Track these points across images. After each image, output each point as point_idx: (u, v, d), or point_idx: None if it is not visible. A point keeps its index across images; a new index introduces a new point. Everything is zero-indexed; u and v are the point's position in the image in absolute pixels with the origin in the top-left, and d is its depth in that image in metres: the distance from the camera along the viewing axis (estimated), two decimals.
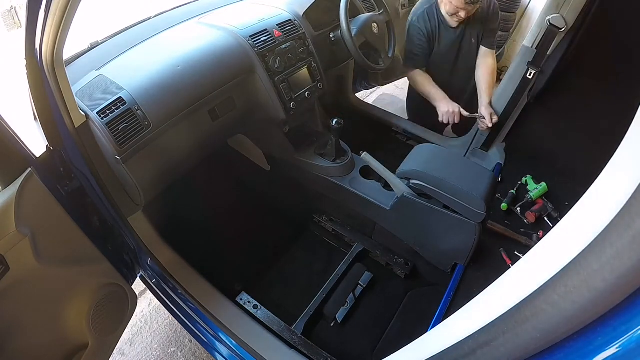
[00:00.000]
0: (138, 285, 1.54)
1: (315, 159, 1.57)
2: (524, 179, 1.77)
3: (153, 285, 1.41)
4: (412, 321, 1.38)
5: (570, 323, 0.33)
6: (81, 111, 1.01)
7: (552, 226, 1.56)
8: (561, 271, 0.34)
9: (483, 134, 1.86)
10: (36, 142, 1.05)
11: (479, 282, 1.39)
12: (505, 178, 1.80)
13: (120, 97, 1.06)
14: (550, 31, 1.53)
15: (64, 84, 0.92)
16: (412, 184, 1.31)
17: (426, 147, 1.41)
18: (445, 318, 0.63)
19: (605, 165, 0.36)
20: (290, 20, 1.47)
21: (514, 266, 0.45)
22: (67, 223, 1.00)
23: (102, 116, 1.02)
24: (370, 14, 1.58)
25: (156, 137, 1.13)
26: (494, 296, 0.47)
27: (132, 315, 1.27)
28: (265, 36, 1.37)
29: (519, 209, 1.67)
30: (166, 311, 1.45)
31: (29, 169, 0.90)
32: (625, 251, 0.28)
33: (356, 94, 2.30)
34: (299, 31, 1.47)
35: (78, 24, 0.85)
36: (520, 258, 1.21)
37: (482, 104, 1.75)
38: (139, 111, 1.07)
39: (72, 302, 1.04)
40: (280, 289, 1.50)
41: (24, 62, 0.90)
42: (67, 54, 0.92)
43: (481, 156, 1.88)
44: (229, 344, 1.20)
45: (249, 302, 1.37)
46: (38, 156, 0.98)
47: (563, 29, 1.51)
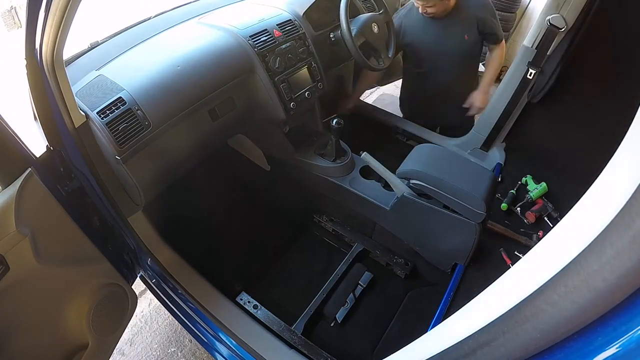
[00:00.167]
0: (138, 285, 1.54)
1: (315, 159, 1.57)
2: (524, 179, 1.77)
3: (153, 285, 1.40)
4: (412, 321, 1.38)
5: (570, 323, 0.33)
6: (81, 111, 1.01)
7: (552, 226, 1.56)
8: (561, 271, 0.34)
9: (483, 134, 1.86)
10: (36, 142, 1.05)
11: (479, 282, 1.39)
12: (505, 178, 1.80)
13: (120, 97, 1.06)
14: (550, 31, 1.53)
15: (64, 84, 0.92)
16: (412, 184, 1.31)
17: (426, 147, 1.41)
18: (445, 318, 0.63)
19: (605, 165, 0.36)
20: (290, 20, 1.47)
21: (514, 266, 0.45)
22: (67, 223, 1.00)
23: (102, 116, 1.03)
24: (370, 14, 1.58)
25: (156, 137, 1.13)
26: (494, 296, 0.47)
27: (132, 315, 1.27)
28: (265, 36, 1.37)
29: (519, 209, 1.67)
30: (166, 311, 1.45)
31: (29, 169, 0.89)
32: (625, 251, 0.27)
33: None
34: (299, 31, 1.47)
35: (78, 24, 0.85)
36: (520, 258, 1.21)
37: (478, 88, 1.81)
38: (139, 111, 1.07)
39: (72, 302, 1.04)
40: (280, 289, 1.50)
41: (24, 62, 0.90)
42: (67, 54, 0.92)
43: (481, 156, 1.88)
44: (229, 344, 1.20)
45: (249, 302, 1.37)
46: (38, 156, 0.98)
47: (563, 29, 1.51)
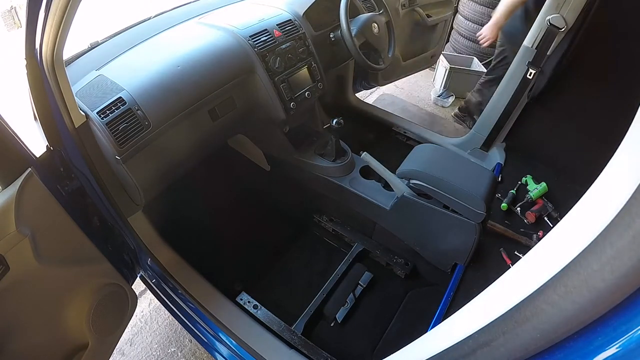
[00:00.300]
0: (138, 285, 1.54)
1: (315, 159, 1.57)
2: (524, 179, 1.77)
3: (153, 285, 1.40)
4: (412, 321, 1.38)
5: (570, 323, 0.33)
6: (81, 111, 1.01)
7: (552, 226, 1.56)
8: (561, 271, 0.34)
9: (483, 134, 1.87)
10: (36, 142, 1.05)
11: (479, 282, 1.39)
12: (505, 178, 1.80)
13: (120, 97, 1.06)
14: (550, 31, 1.53)
15: (64, 84, 0.92)
16: (412, 184, 1.31)
17: (426, 147, 1.41)
18: (445, 318, 0.63)
19: (605, 165, 0.36)
20: (290, 20, 1.47)
21: (514, 266, 0.45)
22: (67, 223, 0.99)
23: (102, 116, 1.02)
24: (370, 14, 1.58)
25: (156, 137, 1.13)
26: (494, 296, 0.47)
27: (132, 315, 1.27)
28: (265, 36, 1.37)
29: (519, 209, 1.67)
30: (166, 311, 1.45)
31: (29, 169, 0.89)
32: (625, 251, 0.28)
33: (356, 94, 2.30)
34: (299, 31, 1.47)
35: (78, 24, 0.85)
36: (520, 258, 1.21)
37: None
38: (139, 111, 1.07)
39: (72, 302, 1.04)
40: (280, 289, 1.50)
41: (24, 62, 0.90)
42: (67, 54, 0.92)
43: (481, 156, 1.88)
44: (229, 344, 1.20)
45: (249, 302, 1.37)
46: (38, 156, 0.98)
47: (563, 29, 1.51)
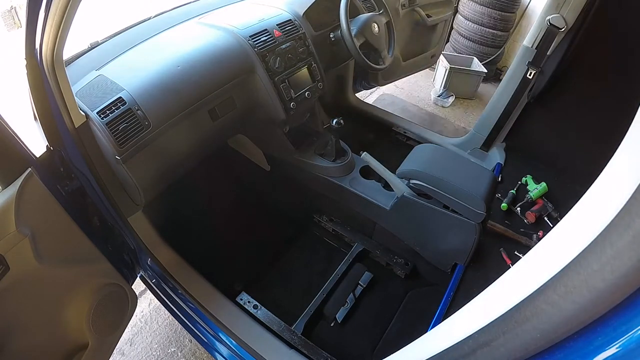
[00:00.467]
0: (138, 285, 1.53)
1: (315, 159, 1.57)
2: (524, 179, 1.77)
3: (153, 285, 1.40)
4: (412, 321, 1.38)
5: (570, 323, 0.33)
6: (81, 111, 1.01)
7: (552, 226, 1.56)
8: (561, 271, 0.34)
9: (483, 134, 1.86)
10: (36, 142, 1.05)
11: (479, 282, 1.39)
12: (505, 178, 1.80)
13: (120, 97, 1.06)
14: (550, 31, 1.53)
15: (64, 84, 0.92)
16: (412, 184, 1.31)
17: (426, 147, 1.41)
18: (445, 318, 0.63)
19: (605, 165, 0.36)
20: (290, 20, 1.47)
21: (514, 266, 0.45)
22: (67, 223, 0.99)
23: (102, 116, 1.02)
24: (370, 14, 1.58)
25: (156, 137, 1.13)
26: (494, 296, 0.47)
27: (132, 315, 1.27)
28: (265, 36, 1.37)
29: (519, 209, 1.67)
30: (166, 311, 1.45)
31: (29, 169, 0.89)
32: (625, 251, 0.28)
33: (356, 94, 2.30)
34: (299, 31, 1.47)
35: (78, 24, 0.85)
36: (520, 258, 1.21)
37: None
38: (139, 111, 1.07)
39: (72, 302, 1.04)
40: (280, 289, 1.50)
41: (24, 62, 0.90)
42: (67, 54, 0.92)
43: (481, 156, 1.88)
44: (229, 344, 1.20)
45: (249, 302, 1.37)
46: (38, 156, 0.98)
47: (563, 29, 1.51)
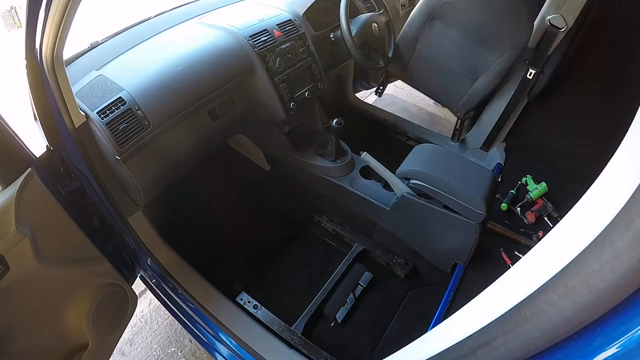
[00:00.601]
0: (138, 285, 1.53)
1: (315, 159, 1.57)
2: (524, 179, 1.77)
3: (153, 285, 1.40)
4: (412, 321, 1.38)
5: (570, 323, 0.33)
6: (81, 111, 1.01)
7: (552, 226, 1.55)
8: (561, 271, 0.34)
9: (483, 134, 1.86)
10: (36, 142, 1.05)
11: (479, 282, 1.39)
12: (505, 178, 1.80)
13: (120, 97, 1.06)
14: (550, 31, 1.53)
15: (64, 84, 0.92)
16: (412, 184, 1.31)
17: (426, 147, 1.41)
18: (445, 318, 0.63)
19: (605, 165, 0.36)
20: (290, 20, 1.47)
21: (514, 266, 0.45)
22: (67, 223, 0.99)
23: (102, 116, 1.03)
24: (370, 14, 1.58)
25: (156, 137, 1.13)
26: (494, 296, 0.47)
27: (132, 315, 1.27)
28: (265, 36, 1.37)
29: (519, 209, 1.67)
30: (166, 311, 1.45)
31: (29, 169, 0.89)
32: (625, 251, 0.28)
33: (356, 94, 2.30)
34: (299, 31, 1.47)
35: (78, 24, 0.85)
36: (520, 258, 1.21)
37: None
38: (139, 111, 1.07)
39: (72, 302, 1.04)
40: (280, 289, 1.50)
41: (24, 62, 0.90)
42: (67, 54, 0.92)
43: (481, 156, 1.88)
44: (229, 344, 1.20)
45: (249, 302, 1.37)
46: (38, 156, 0.98)
47: (563, 29, 1.51)
